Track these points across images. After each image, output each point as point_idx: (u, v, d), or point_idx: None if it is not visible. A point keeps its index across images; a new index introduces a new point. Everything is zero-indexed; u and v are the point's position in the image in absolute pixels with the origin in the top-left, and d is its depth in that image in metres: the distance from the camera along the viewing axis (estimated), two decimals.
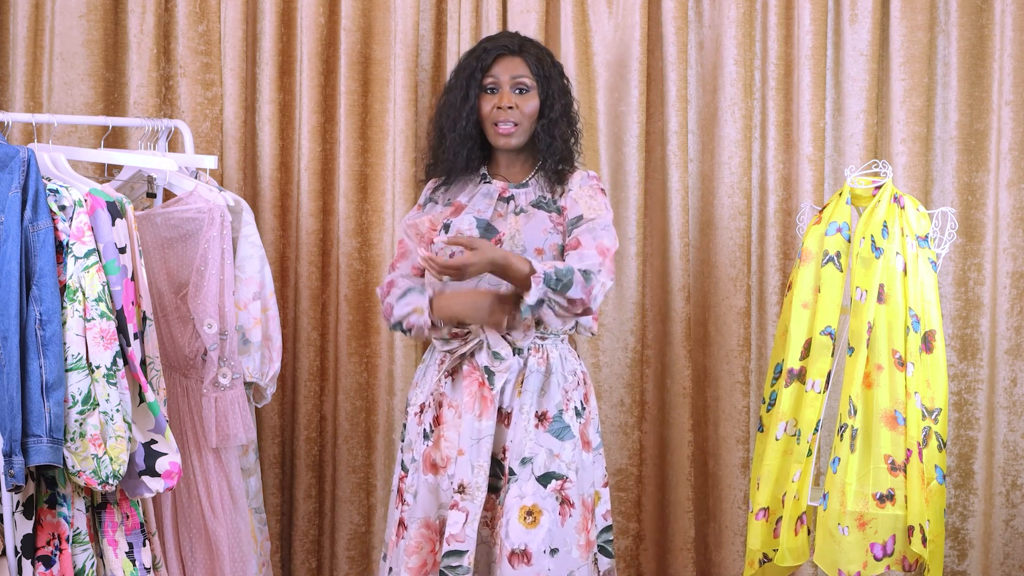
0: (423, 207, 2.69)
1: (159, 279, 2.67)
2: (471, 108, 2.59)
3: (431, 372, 2.60)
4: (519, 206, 2.59)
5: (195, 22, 3.28)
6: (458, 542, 2.45)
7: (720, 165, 3.32)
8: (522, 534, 2.45)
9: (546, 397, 2.54)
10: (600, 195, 2.60)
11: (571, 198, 2.58)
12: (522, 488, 2.47)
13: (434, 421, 2.56)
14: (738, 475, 3.32)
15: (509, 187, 2.62)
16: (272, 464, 3.36)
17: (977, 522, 3.30)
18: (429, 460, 2.54)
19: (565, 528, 2.49)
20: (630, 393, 3.36)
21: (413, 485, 2.55)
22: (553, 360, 2.56)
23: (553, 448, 2.51)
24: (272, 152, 3.32)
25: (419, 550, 2.51)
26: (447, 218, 2.61)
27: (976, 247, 3.29)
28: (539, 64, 2.61)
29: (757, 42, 3.33)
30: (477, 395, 2.50)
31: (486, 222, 2.56)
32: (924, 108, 3.24)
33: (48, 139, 2.85)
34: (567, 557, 2.49)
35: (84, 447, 2.31)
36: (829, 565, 2.71)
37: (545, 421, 2.52)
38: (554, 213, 2.57)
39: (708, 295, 3.36)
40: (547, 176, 2.62)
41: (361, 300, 3.36)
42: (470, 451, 2.48)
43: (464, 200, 2.63)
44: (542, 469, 2.49)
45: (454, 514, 2.46)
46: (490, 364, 2.51)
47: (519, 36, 2.67)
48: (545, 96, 2.60)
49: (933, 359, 2.75)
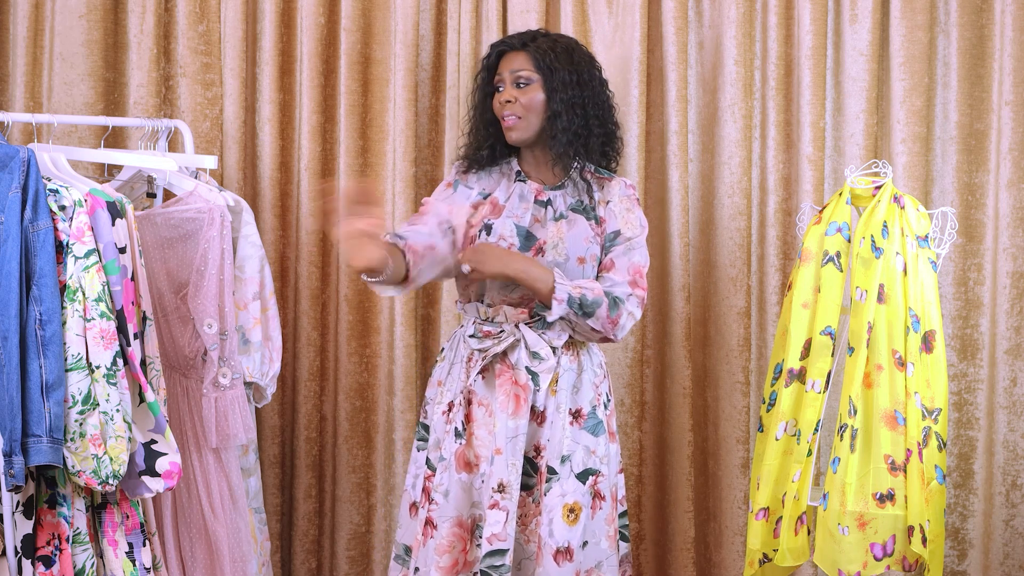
0: (452, 187, 2.63)
1: (159, 279, 2.67)
2: (487, 109, 2.61)
3: (457, 370, 2.59)
4: (557, 211, 2.57)
5: (195, 22, 3.28)
6: (500, 541, 2.45)
7: (720, 165, 3.32)
8: (566, 532, 2.48)
9: (580, 394, 2.55)
10: (636, 208, 2.60)
11: (611, 211, 2.57)
12: (564, 486, 2.49)
13: (465, 419, 2.55)
14: (738, 475, 3.32)
15: (544, 189, 2.59)
16: (272, 464, 3.36)
17: (977, 522, 3.30)
18: (463, 459, 2.52)
19: (595, 521, 2.52)
20: (630, 393, 3.36)
21: (443, 484, 2.52)
22: (583, 356, 2.57)
23: (589, 445, 2.53)
24: (272, 152, 3.32)
25: (451, 549, 2.50)
26: (487, 217, 2.57)
27: (976, 247, 3.29)
28: (543, 56, 2.55)
29: (757, 42, 3.33)
30: (511, 394, 2.51)
31: (526, 230, 2.53)
32: (924, 108, 3.24)
33: (48, 139, 2.85)
34: (596, 548, 2.52)
35: (84, 447, 2.31)
36: (829, 565, 2.71)
37: (580, 418, 2.54)
38: (593, 222, 2.56)
39: (708, 295, 3.36)
40: (583, 179, 2.59)
41: (361, 300, 3.36)
42: (506, 450, 2.48)
43: (501, 197, 2.59)
44: (580, 466, 2.51)
45: (495, 513, 2.46)
46: (531, 365, 2.51)
47: (530, 32, 2.62)
48: (550, 88, 2.55)
49: (933, 359, 2.75)
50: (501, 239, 2.52)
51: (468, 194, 2.61)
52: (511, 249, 2.51)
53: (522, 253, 2.50)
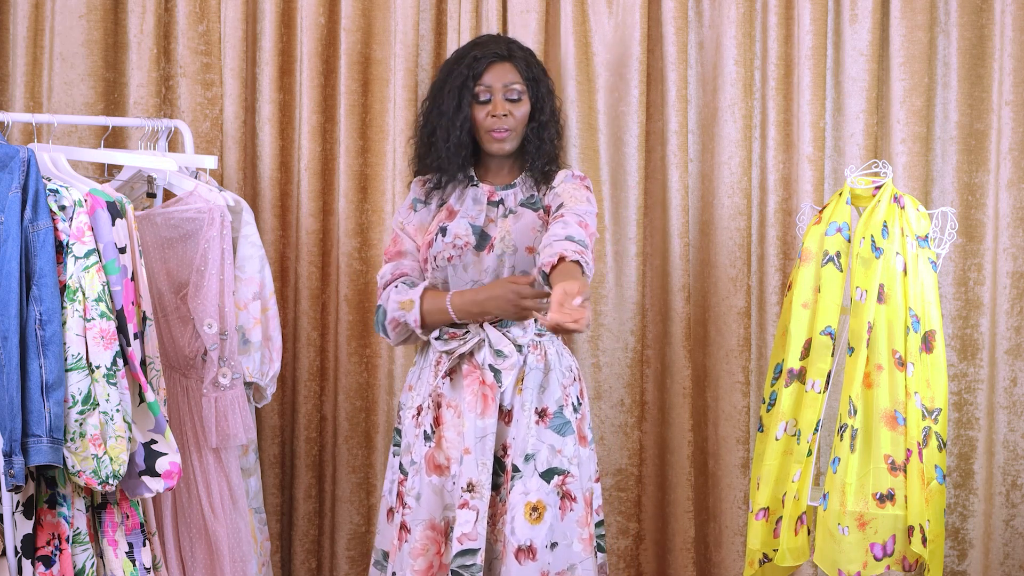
0: (414, 208, 2.70)
1: (159, 279, 2.67)
2: (464, 118, 2.60)
3: (426, 374, 2.61)
4: (508, 208, 2.62)
5: (195, 22, 3.28)
6: (471, 540, 2.46)
7: (720, 165, 3.32)
8: (528, 530, 2.47)
9: (546, 393, 2.55)
10: (583, 190, 2.61)
11: (554, 194, 2.60)
12: (526, 484, 2.49)
13: (434, 422, 2.56)
14: (738, 475, 3.32)
15: (496, 190, 2.65)
16: (272, 464, 3.36)
17: (977, 522, 3.30)
18: (433, 462, 2.54)
19: (565, 522, 2.51)
20: (630, 393, 3.36)
21: (414, 488, 2.54)
22: (551, 357, 2.58)
23: (555, 444, 2.52)
24: (272, 152, 3.32)
25: (425, 552, 2.51)
26: (442, 222, 2.62)
27: (976, 247, 3.29)
28: (528, 68, 2.64)
29: (757, 42, 3.32)
30: (479, 393, 2.51)
31: (480, 229, 2.59)
32: (924, 108, 3.24)
33: (48, 139, 2.85)
34: (567, 551, 2.51)
35: (84, 447, 2.31)
36: (829, 565, 2.71)
37: (546, 417, 2.53)
38: (540, 211, 2.60)
39: (708, 295, 3.36)
40: (534, 177, 2.64)
41: (361, 300, 3.36)
42: (475, 449, 2.48)
43: (455, 203, 2.65)
44: (544, 465, 2.51)
45: (464, 513, 2.47)
46: (494, 363, 2.51)
47: (505, 39, 2.69)
48: (535, 100, 2.64)
49: (933, 359, 2.75)
50: (456, 238, 2.57)
51: (426, 212, 2.67)
52: (467, 249, 2.56)
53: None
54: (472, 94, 2.59)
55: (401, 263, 2.64)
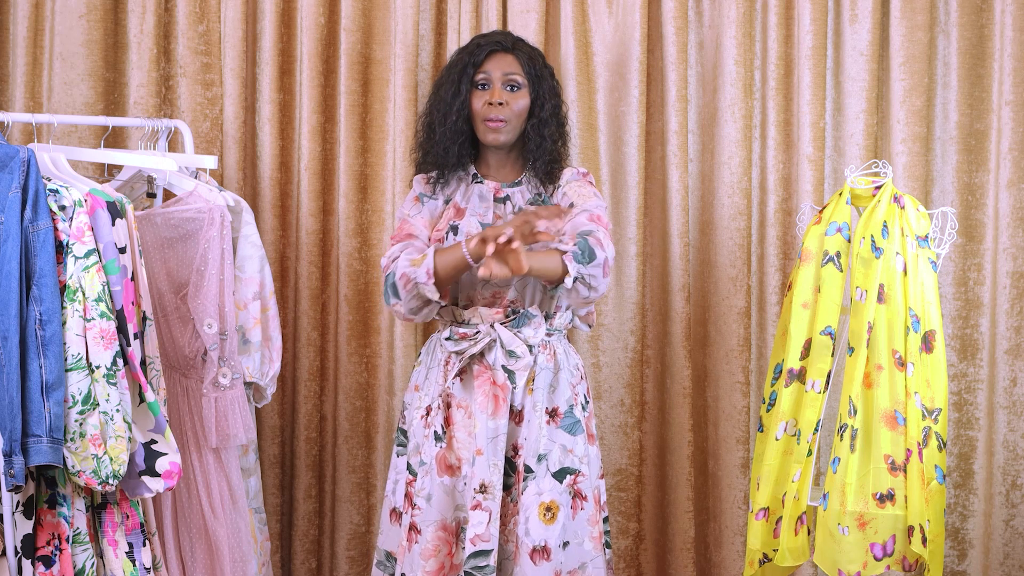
0: (420, 201, 2.69)
1: (159, 279, 2.67)
2: (462, 103, 2.59)
3: (434, 374, 2.60)
4: (516, 206, 2.62)
5: (195, 22, 3.28)
6: (484, 542, 2.46)
7: (720, 165, 3.32)
8: (542, 531, 2.48)
9: (556, 393, 2.56)
10: (589, 187, 2.62)
11: (562, 192, 2.61)
12: (540, 485, 2.49)
13: (444, 423, 2.55)
14: (738, 475, 3.32)
15: (502, 187, 2.64)
16: (272, 464, 3.36)
17: (977, 522, 3.30)
18: (444, 462, 2.53)
19: (577, 521, 2.52)
20: (630, 393, 3.36)
21: (425, 488, 2.53)
22: (560, 356, 2.58)
23: (566, 443, 2.53)
24: (272, 152, 3.32)
25: (436, 553, 2.51)
26: (451, 220, 2.62)
27: (976, 247, 3.29)
28: (531, 63, 2.63)
29: (757, 42, 3.33)
30: (490, 394, 2.51)
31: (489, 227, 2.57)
32: (924, 108, 3.24)
33: (48, 139, 2.85)
34: (579, 549, 2.52)
35: (84, 447, 2.31)
36: (829, 565, 2.71)
37: (557, 417, 2.54)
38: None
39: (708, 295, 3.36)
40: (538, 176, 2.64)
41: (361, 300, 3.36)
42: (487, 450, 2.48)
43: (460, 200, 2.64)
44: (557, 465, 2.51)
45: (477, 514, 2.47)
46: (507, 363, 2.51)
47: (512, 35, 2.70)
48: (536, 95, 2.62)
49: (933, 359, 2.75)
50: (468, 235, 2.55)
51: (435, 206, 2.66)
52: None
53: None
54: (471, 80, 2.59)
55: (412, 243, 2.57)
